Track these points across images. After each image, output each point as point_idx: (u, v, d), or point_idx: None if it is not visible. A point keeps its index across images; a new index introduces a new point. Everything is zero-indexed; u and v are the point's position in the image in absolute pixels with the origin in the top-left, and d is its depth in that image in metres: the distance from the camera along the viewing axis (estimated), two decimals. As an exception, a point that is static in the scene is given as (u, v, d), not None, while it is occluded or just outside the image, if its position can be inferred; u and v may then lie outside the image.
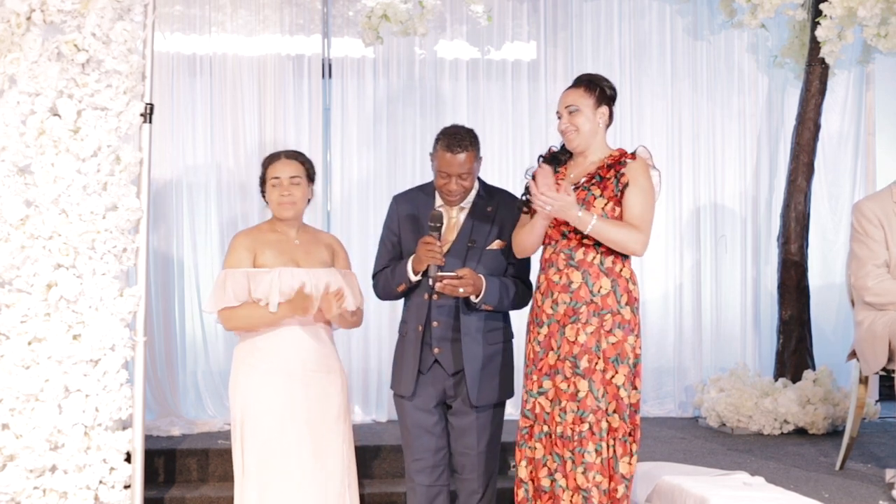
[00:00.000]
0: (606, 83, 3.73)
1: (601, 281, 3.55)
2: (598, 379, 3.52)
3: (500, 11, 6.29)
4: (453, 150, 3.69)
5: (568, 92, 3.71)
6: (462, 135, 3.72)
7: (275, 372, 3.71)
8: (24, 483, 3.80)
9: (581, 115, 3.64)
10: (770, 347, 6.29)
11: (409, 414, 3.84)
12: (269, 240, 3.80)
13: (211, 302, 3.75)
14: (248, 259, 3.73)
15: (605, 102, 3.68)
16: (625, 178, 3.56)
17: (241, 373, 3.76)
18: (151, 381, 5.70)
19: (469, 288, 3.61)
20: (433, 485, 3.86)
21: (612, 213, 3.56)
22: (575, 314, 3.55)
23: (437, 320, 3.76)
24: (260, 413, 3.69)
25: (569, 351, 3.55)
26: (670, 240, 6.38)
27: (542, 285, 3.68)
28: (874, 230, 4.52)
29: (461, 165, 3.69)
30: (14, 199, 3.83)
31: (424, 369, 3.79)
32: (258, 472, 3.67)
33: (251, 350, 3.75)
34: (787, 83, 6.44)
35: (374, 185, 6.13)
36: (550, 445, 3.60)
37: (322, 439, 3.73)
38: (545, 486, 3.61)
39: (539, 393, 3.63)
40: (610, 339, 3.53)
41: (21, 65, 3.84)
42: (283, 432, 3.68)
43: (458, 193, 3.75)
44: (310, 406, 3.72)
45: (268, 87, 6.05)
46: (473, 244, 3.76)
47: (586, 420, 3.51)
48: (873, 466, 4.81)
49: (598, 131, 3.67)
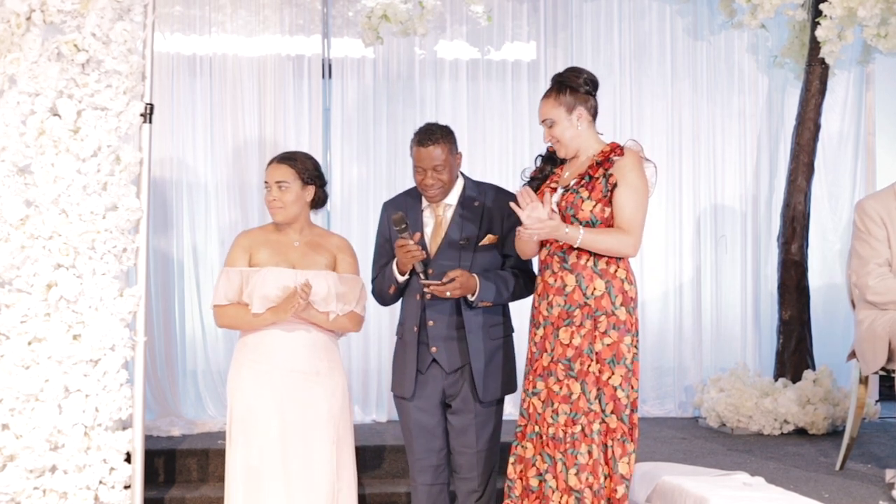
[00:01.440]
0: (578, 78, 3.64)
1: (595, 283, 3.54)
2: (590, 381, 3.52)
3: (500, 12, 6.29)
4: (424, 143, 3.74)
5: (541, 103, 3.68)
6: (433, 129, 3.78)
7: (261, 372, 3.71)
8: (24, 483, 3.80)
9: (557, 125, 3.62)
10: (770, 347, 6.29)
11: (410, 415, 3.84)
12: (268, 240, 3.81)
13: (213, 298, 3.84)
14: (243, 258, 3.76)
15: (579, 103, 3.62)
16: (613, 177, 3.54)
17: (233, 370, 3.79)
18: (151, 381, 5.70)
19: (458, 290, 3.63)
20: (434, 483, 3.88)
21: (601, 215, 3.55)
22: (569, 317, 3.56)
23: (433, 319, 3.77)
24: (245, 412, 3.70)
25: (562, 353, 3.56)
26: (670, 240, 6.38)
27: (538, 287, 3.69)
28: (877, 229, 4.52)
29: (434, 158, 3.73)
30: (14, 199, 3.83)
31: (423, 369, 3.80)
32: (245, 471, 3.67)
33: (241, 348, 3.79)
34: (787, 83, 6.44)
35: (375, 186, 6.13)
36: (541, 446, 3.61)
37: (308, 441, 3.71)
38: (533, 486, 3.62)
39: (533, 393, 3.65)
40: (605, 340, 3.53)
41: (21, 65, 3.84)
42: (266, 433, 3.68)
43: (436, 188, 3.77)
44: (295, 408, 3.71)
45: (268, 87, 6.05)
46: (466, 242, 3.77)
47: (578, 422, 3.51)
48: (873, 466, 4.81)
49: (580, 134, 3.63)
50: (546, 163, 3.77)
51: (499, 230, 3.80)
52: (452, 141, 3.80)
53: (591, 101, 3.66)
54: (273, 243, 3.79)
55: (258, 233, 3.86)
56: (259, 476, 3.66)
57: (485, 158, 6.26)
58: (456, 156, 3.81)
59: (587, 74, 3.68)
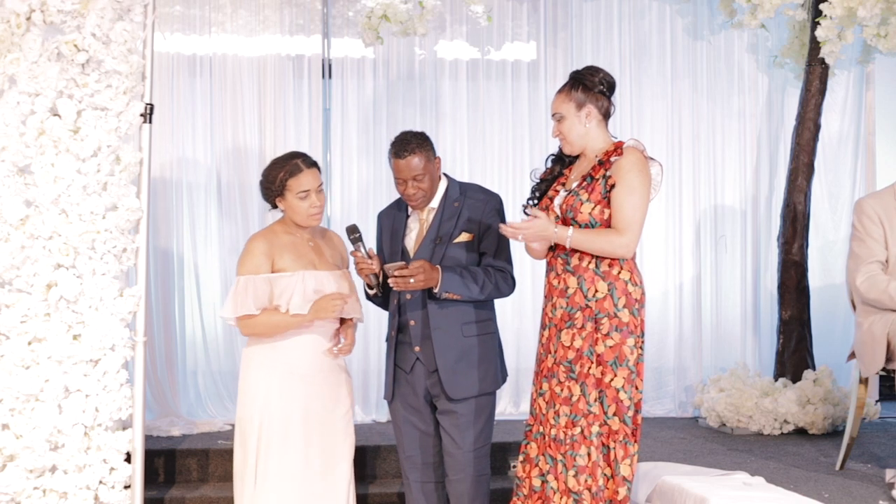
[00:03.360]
0: (594, 77, 3.62)
1: (597, 285, 3.53)
2: (591, 383, 3.51)
3: (500, 12, 6.29)
4: (401, 155, 3.75)
5: (554, 97, 3.68)
6: (409, 139, 3.78)
7: (293, 374, 3.70)
8: (24, 483, 3.80)
9: (565, 121, 3.62)
10: (770, 347, 6.29)
11: (397, 412, 3.90)
12: (284, 243, 3.76)
13: (229, 308, 3.69)
14: (266, 265, 3.69)
15: (590, 101, 3.60)
16: (611, 179, 3.52)
17: (260, 374, 3.72)
18: (151, 381, 5.71)
19: (420, 278, 3.62)
20: (427, 481, 3.89)
21: (600, 217, 3.52)
22: (570, 319, 3.55)
23: (413, 319, 3.79)
24: (279, 416, 3.67)
25: (563, 355, 3.56)
26: (670, 240, 6.39)
27: (545, 288, 3.69)
28: (874, 228, 4.53)
29: (413, 168, 3.74)
30: (14, 199, 3.83)
31: (408, 369, 3.83)
32: (277, 474, 3.66)
33: (269, 352, 3.72)
34: (787, 83, 6.44)
35: (374, 186, 6.13)
36: (544, 446, 3.61)
37: (333, 441, 3.75)
38: (536, 485, 3.62)
39: (540, 394, 3.66)
40: (607, 342, 3.51)
41: (21, 65, 3.84)
42: (300, 435, 3.68)
43: (417, 197, 3.79)
44: (325, 408, 3.74)
45: (268, 87, 6.06)
46: (440, 240, 3.79)
47: (578, 424, 3.51)
48: (873, 466, 4.81)
49: (587, 132, 3.61)
50: (556, 163, 3.75)
51: (475, 228, 3.81)
52: (430, 148, 3.80)
53: (604, 102, 3.63)
54: (290, 246, 3.75)
55: (271, 237, 3.77)
56: (302, 478, 3.66)
57: (485, 158, 6.27)
58: (434, 161, 3.82)
59: (604, 75, 3.64)
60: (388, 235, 3.92)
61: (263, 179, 3.77)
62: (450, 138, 6.20)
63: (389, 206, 4.03)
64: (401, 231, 3.87)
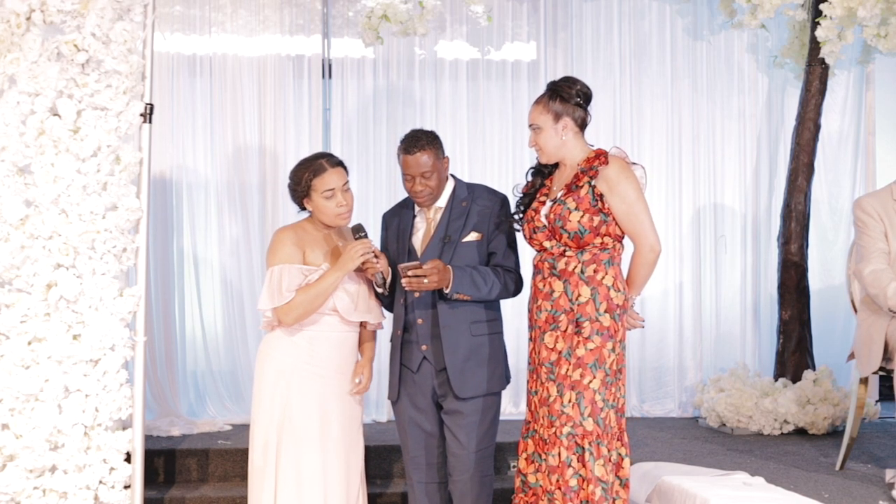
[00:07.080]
0: (570, 89, 3.62)
1: (580, 289, 3.57)
2: (567, 385, 3.55)
3: (500, 12, 6.29)
4: (411, 150, 3.76)
5: (532, 108, 3.69)
6: (419, 136, 3.80)
7: (315, 373, 3.71)
8: (24, 483, 3.80)
9: (542, 133, 3.64)
10: (770, 347, 6.29)
11: (402, 412, 3.89)
12: (315, 238, 3.76)
13: (265, 299, 3.65)
14: (297, 255, 3.68)
15: (566, 113, 3.61)
16: (598, 189, 3.55)
17: (278, 374, 3.70)
18: (151, 381, 5.71)
19: (434, 278, 3.62)
20: (430, 482, 3.88)
21: (589, 224, 3.55)
22: (554, 321, 3.60)
23: (422, 318, 3.79)
24: (299, 415, 3.67)
25: (546, 357, 3.61)
26: (670, 240, 6.38)
27: (531, 291, 3.74)
28: (874, 224, 4.58)
29: (421, 165, 3.75)
30: (14, 199, 3.83)
31: (415, 368, 3.82)
32: (297, 471, 3.66)
33: (291, 349, 3.70)
34: (787, 83, 6.44)
35: (375, 185, 6.14)
36: (534, 444, 3.68)
37: (350, 438, 3.77)
38: (531, 481, 3.68)
39: (534, 393, 3.71)
40: (588, 345, 3.55)
41: (21, 65, 3.84)
42: (318, 435, 3.69)
43: (424, 194, 3.79)
44: (343, 406, 3.76)
45: (268, 87, 6.06)
46: (449, 239, 3.79)
47: (553, 424, 3.55)
48: (873, 466, 4.81)
49: (564, 143, 3.64)
50: (536, 176, 3.78)
51: (484, 228, 3.81)
52: (439, 146, 3.82)
53: (580, 112, 3.65)
54: (321, 242, 3.76)
55: (300, 231, 3.76)
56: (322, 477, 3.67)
57: (485, 158, 6.27)
58: (443, 160, 3.83)
59: (581, 86, 3.66)
60: (395, 234, 3.91)
61: (290, 181, 3.78)
62: (450, 138, 6.20)
63: (395, 206, 4.03)
64: (408, 230, 3.87)
